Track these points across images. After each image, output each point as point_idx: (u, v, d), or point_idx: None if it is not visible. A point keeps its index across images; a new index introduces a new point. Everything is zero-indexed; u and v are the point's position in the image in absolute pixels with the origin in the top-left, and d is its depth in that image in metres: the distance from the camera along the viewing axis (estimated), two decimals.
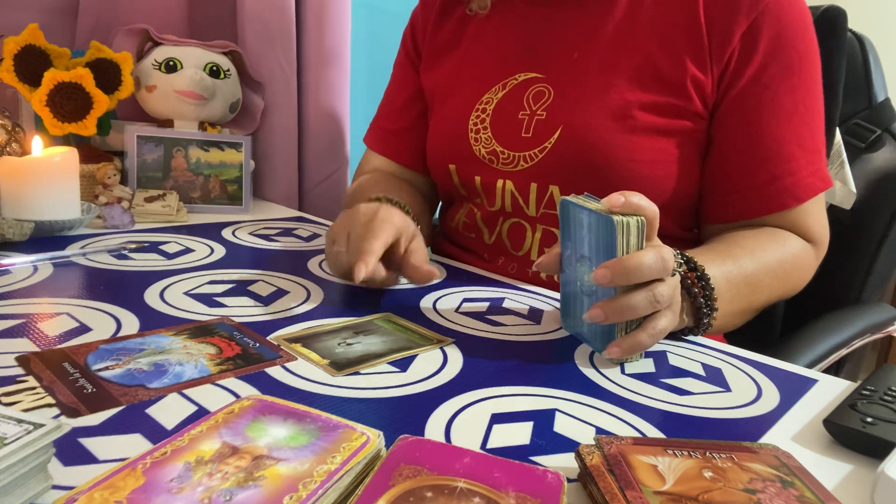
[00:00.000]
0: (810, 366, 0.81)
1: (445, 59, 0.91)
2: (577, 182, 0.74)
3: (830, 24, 0.90)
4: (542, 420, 0.44)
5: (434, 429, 0.42)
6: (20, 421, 0.32)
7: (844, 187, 0.97)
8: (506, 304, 0.68)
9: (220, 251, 0.80)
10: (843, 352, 0.89)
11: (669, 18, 0.73)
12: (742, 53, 0.71)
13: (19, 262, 0.68)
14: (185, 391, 0.44)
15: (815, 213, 0.75)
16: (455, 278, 0.77)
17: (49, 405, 0.41)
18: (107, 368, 0.46)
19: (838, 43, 0.91)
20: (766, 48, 0.70)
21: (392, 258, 0.67)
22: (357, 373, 0.49)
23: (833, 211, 0.98)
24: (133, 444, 0.38)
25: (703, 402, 0.49)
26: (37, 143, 0.80)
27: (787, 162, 0.72)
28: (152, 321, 0.56)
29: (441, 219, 0.96)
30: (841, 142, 0.97)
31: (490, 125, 0.80)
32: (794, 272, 0.73)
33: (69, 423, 0.39)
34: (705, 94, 0.72)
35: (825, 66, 0.79)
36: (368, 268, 0.59)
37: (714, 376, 0.54)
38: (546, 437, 0.42)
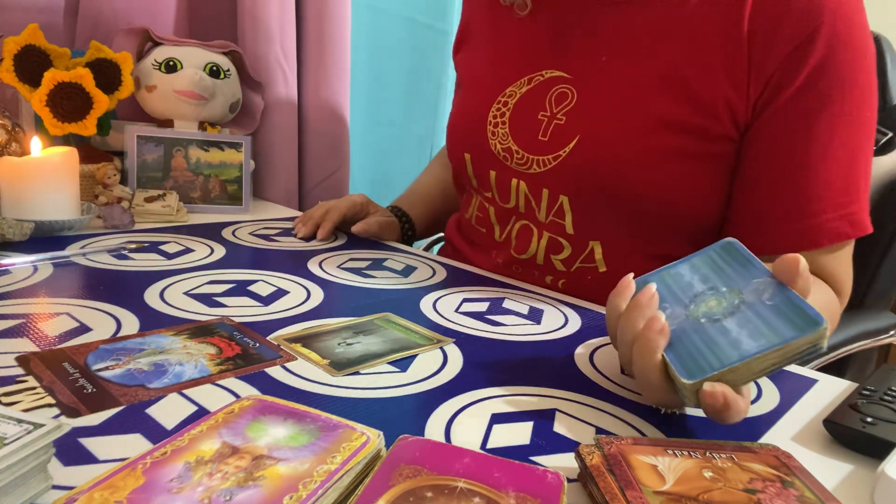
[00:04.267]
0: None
1: (481, 42, 0.89)
2: (589, 197, 0.72)
3: None
4: (542, 420, 0.44)
5: (434, 429, 0.42)
6: (20, 421, 0.32)
7: None
8: (506, 304, 0.68)
9: (220, 251, 0.80)
10: (832, 355, 0.88)
11: (709, 28, 0.67)
12: (782, 78, 0.64)
13: (19, 262, 0.68)
14: (185, 391, 0.44)
15: (842, 261, 0.69)
16: (455, 278, 0.77)
17: (49, 405, 0.41)
18: (107, 368, 0.46)
19: None
20: (809, 72, 0.64)
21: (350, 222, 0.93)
22: (357, 373, 0.49)
23: None
24: (133, 444, 0.38)
25: None
26: (35, 143, 0.80)
27: (812, 201, 0.65)
28: (152, 321, 0.56)
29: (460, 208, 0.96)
30: None
31: (509, 121, 0.78)
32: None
33: (69, 423, 0.39)
34: (737, 116, 0.67)
35: None
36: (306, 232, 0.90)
37: None
38: (546, 437, 0.42)
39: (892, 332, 0.96)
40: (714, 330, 0.43)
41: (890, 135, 0.97)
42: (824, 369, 0.61)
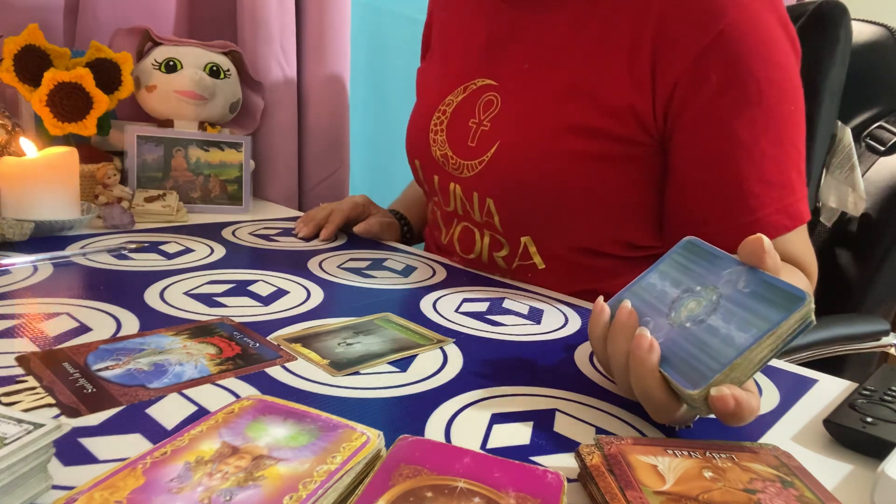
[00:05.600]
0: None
1: (434, 55, 0.93)
2: (511, 198, 0.75)
3: (824, 19, 0.89)
4: (542, 420, 0.44)
5: (434, 429, 0.42)
6: (20, 421, 0.32)
7: (855, 193, 0.95)
8: (506, 304, 0.68)
9: (220, 251, 0.80)
10: (804, 354, 0.87)
11: (616, 35, 0.68)
12: (691, 82, 0.65)
13: (19, 262, 0.68)
14: (185, 391, 0.44)
15: (797, 243, 0.71)
16: (455, 278, 0.77)
17: (49, 405, 0.41)
18: (107, 368, 0.46)
19: (828, 39, 0.88)
20: (718, 78, 0.64)
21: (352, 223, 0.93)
22: (357, 373, 0.49)
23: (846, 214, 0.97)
24: (133, 444, 0.38)
25: None
26: (26, 144, 0.80)
27: (746, 199, 0.67)
28: (152, 321, 0.56)
29: None
30: (853, 146, 0.95)
31: (446, 128, 0.81)
32: None
33: (69, 423, 0.39)
34: (644, 122, 0.68)
35: (808, 62, 0.76)
36: (308, 232, 0.90)
37: None
38: (546, 437, 0.42)
39: (882, 339, 0.95)
40: (702, 331, 0.42)
41: None
42: (811, 365, 0.60)
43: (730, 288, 0.43)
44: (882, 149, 0.97)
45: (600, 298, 0.48)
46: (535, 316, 0.66)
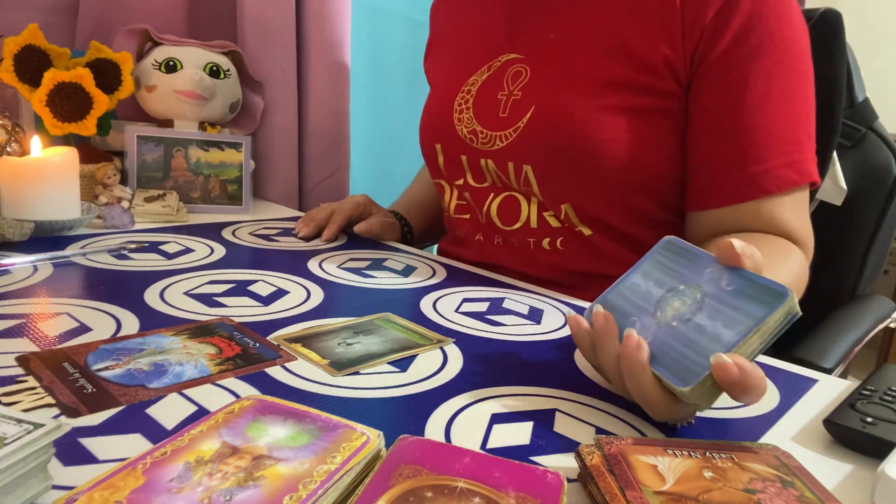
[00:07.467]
0: (839, 363, 0.82)
1: (444, 47, 0.94)
2: (550, 162, 0.75)
3: (831, 25, 0.91)
4: (542, 420, 0.44)
5: (434, 429, 0.42)
6: (20, 421, 0.32)
7: (834, 184, 0.98)
8: (506, 304, 0.68)
9: (220, 251, 0.80)
10: (856, 347, 0.90)
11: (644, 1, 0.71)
12: (713, 32, 0.68)
13: (19, 262, 0.68)
14: (185, 391, 0.44)
15: (796, 210, 0.71)
16: (455, 278, 0.77)
17: (49, 405, 0.41)
18: (107, 368, 0.46)
19: (839, 44, 0.91)
20: (738, 28, 0.67)
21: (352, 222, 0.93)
22: (357, 373, 0.49)
23: (826, 209, 1.00)
24: (133, 444, 0.38)
25: None
26: (35, 143, 0.80)
27: (756, 149, 0.68)
28: (152, 321, 0.56)
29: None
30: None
31: (473, 105, 0.82)
32: (801, 287, 0.70)
33: (69, 423, 0.39)
34: (677, 73, 0.70)
35: (829, 65, 0.77)
36: (308, 232, 0.91)
37: None
38: (546, 437, 0.42)
39: (891, 318, 0.98)
40: (689, 330, 0.43)
41: (863, 131, 1.01)
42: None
43: (713, 286, 0.44)
44: (849, 144, 1.02)
45: (570, 311, 0.49)
46: (535, 316, 0.66)
